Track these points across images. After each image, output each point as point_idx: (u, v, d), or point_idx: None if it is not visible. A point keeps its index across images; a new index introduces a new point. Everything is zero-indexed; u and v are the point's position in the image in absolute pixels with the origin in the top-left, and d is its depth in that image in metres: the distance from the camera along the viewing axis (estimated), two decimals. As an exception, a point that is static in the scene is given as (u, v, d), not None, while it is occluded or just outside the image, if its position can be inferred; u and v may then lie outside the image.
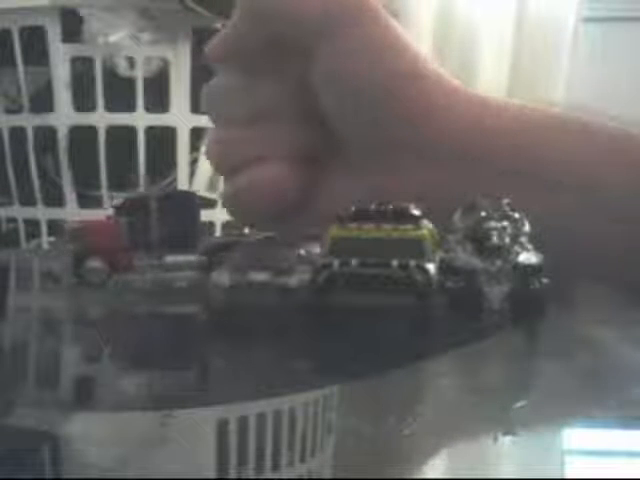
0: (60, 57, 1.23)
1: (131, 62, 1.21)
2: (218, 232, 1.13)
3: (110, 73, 1.21)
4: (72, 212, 1.27)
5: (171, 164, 1.18)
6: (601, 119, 0.44)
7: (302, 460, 0.21)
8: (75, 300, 0.42)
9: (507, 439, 0.22)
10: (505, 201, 0.35)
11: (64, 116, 1.25)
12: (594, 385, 0.27)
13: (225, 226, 1.11)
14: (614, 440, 0.23)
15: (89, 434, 0.23)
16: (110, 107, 1.23)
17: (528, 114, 0.44)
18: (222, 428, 0.23)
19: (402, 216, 0.32)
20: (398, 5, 1.64)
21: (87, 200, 1.27)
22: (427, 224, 0.33)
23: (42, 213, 1.30)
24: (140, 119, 1.20)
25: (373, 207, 0.33)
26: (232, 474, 0.20)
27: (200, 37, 1.24)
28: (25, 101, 1.26)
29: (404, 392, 0.28)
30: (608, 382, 0.27)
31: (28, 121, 1.27)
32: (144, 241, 0.43)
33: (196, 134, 1.19)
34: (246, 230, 0.49)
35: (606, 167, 0.42)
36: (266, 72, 0.44)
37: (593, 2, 1.82)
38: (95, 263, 0.41)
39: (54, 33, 1.22)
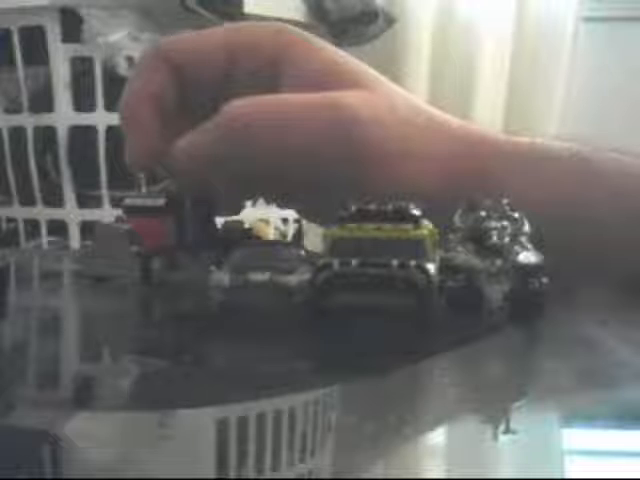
0: (60, 57, 1.23)
1: (131, 62, 1.21)
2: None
3: (110, 73, 1.21)
4: (72, 212, 1.27)
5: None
6: (601, 153, 0.43)
7: (302, 460, 0.21)
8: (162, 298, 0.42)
9: (507, 439, 0.22)
10: (505, 201, 0.35)
11: (64, 116, 1.25)
12: (594, 385, 0.27)
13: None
14: (614, 440, 0.23)
15: (89, 434, 0.23)
16: (110, 107, 1.23)
17: (520, 153, 0.43)
18: (222, 428, 0.23)
19: (402, 216, 0.32)
20: (398, 5, 1.64)
21: (87, 200, 1.27)
22: (427, 224, 0.33)
23: (42, 213, 1.30)
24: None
25: (373, 207, 0.33)
26: (232, 474, 0.20)
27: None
28: (25, 101, 1.26)
29: (404, 392, 0.28)
30: (608, 382, 0.27)
31: (28, 121, 1.27)
32: (181, 240, 0.43)
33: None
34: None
35: (606, 210, 0.41)
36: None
37: (593, 2, 1.82)
38: (157, 264, 0.41)
39: (54, 33, 1.22)
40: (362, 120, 0.41)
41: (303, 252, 0.35)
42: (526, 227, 0.35)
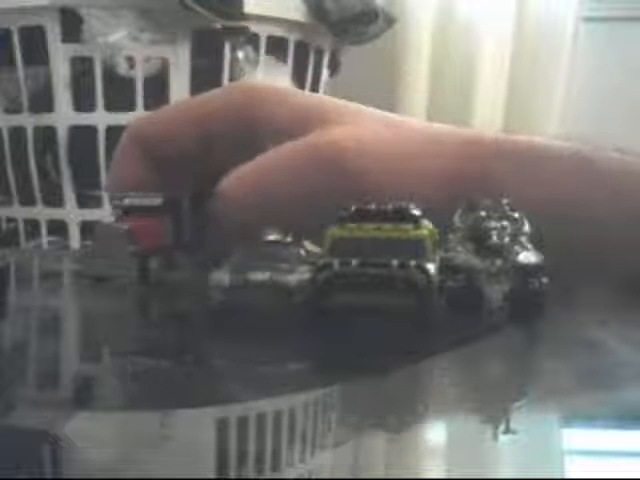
0: (60, 57, 1.23)
1: (131, 62, 1.21)
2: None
3: (110, 73, 1.21)
4: (72, 212, 1.27)
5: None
6: (602, 152, 0.43)
7: (302, 460, 0.21)
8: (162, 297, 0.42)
9: (507, 439, 0.22)
10: (505, 201, 0.35)
11: (64, 116, 1.25)
12: (594, 385, 0.27)
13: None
14: (614, 440, 0.23)
15: (89, 434, 0.23)
16: (110, 107, 1.23)
17: (520, 150, 0.43)
18: (222, 428, 0.23)
19: (402, 216, 0.32)
20: (398, 5, 1.64)
21: (87, 200, 1.27)
22: (427, 224, 0.33)
23: (42, 213, 1.30)
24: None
25: (373, 207, 0.33)
26: (232, 474, 0.20)
27: (200, 37, 1.25)
28: (25, 101, 1.26)
29: (404, 392, 0.28)
30: (608, 382, 0.27)
31: (28, 121, 1.27)
32: (179, 239, 0.43)
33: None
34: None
35: (607, 209, 0.41)
36: None
37: (593, 2, 1.82)
38: (155, 263, 0.41)
39: (54, 33, 1.22)
40: (348, 153, 0.41)
41: (303, 252, 0.35)
42: (526, 227, 0.35)
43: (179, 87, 1.23)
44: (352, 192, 0.41)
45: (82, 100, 1.25)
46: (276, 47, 1.33)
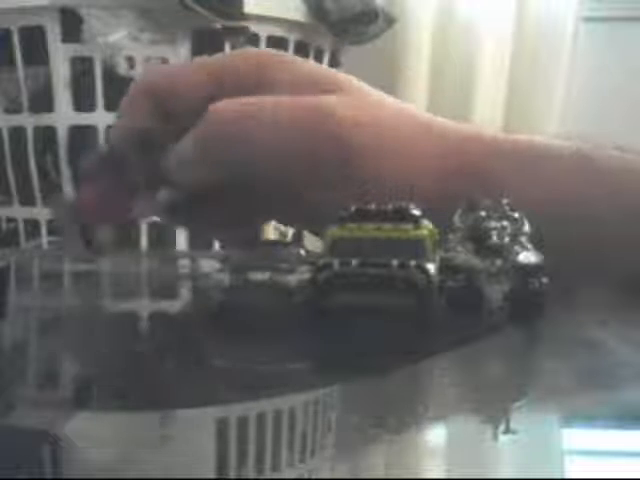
0: (60, 57, 1.23)
1: (131, 62, 1.21)
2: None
3: (110, 73, 1.21)
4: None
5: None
6: (603, 150, 0.43)
7: (302, 460, 0.21)
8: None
9: (507, 439, 0.22)
10: (505, 201, 0.35)
11: (64, 116, 1.25)
12: (594, 384, 0.27)
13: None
14: (614, 440, 0.23)
15: (89, 434, 0.23)
16: (110, 107, 1.23)
17: (521, 150, 0.43)
18: (222, 428, 0.23)
19: (402, 216, 0.32)
20: (398, 5, 1.64)
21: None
22: (427, 224, 0.33)
23: (42, 213, 1.30)
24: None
25: (373, 207, 0.33)
26: (232, 474, 0.20)
27: (200, 37, 1.25)
28: (25, 101, 1.26)
29: (404, 392, 0.28)
30: (608, 382, 0.27)
31: (28, 121, 1.27)
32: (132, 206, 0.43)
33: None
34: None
35: (606, 208, 0.41)
36: None
37: (593, 2, 1.82)
38: (105, 235, 0.41)
39: (54, 33, 1.22)
40: (345, 120, 0.41)
41: (303, 252, 0.35)
42: (526, 227, 0.35)
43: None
44: (337, 158, 0.41)
45: (82, 100, 1.24)
46: (276, 47, 1.33)
